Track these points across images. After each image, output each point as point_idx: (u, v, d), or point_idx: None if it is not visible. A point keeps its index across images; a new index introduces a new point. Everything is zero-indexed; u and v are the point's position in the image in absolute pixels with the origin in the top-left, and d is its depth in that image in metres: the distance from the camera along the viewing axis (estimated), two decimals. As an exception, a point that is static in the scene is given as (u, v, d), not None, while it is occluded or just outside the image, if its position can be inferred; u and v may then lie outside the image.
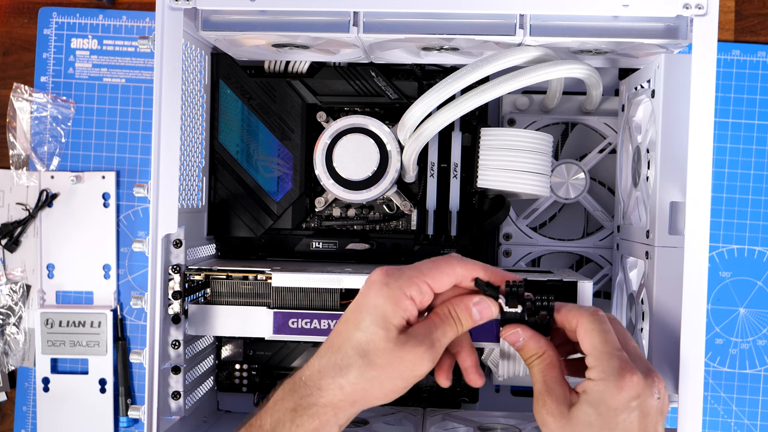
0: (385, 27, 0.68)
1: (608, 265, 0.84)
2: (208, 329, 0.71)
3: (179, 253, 0.69)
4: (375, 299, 0.57)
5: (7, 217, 0.93)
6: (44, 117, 0.93)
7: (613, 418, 0.56)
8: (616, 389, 0.56)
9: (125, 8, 0.94)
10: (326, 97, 0.82)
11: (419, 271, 0.58)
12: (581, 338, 0.59)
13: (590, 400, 0.57)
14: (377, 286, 0.57)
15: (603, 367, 0.57)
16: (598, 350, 0.58)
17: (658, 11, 0.64)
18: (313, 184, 0.83)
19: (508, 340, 0.61)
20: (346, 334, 0.57)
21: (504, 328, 0.61)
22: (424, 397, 0.83)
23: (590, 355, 0.58)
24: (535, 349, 0.60)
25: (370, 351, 0.56)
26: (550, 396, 0.58)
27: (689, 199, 0.61)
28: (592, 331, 0.58)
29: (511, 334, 0.60)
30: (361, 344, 0.56)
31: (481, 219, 0.80)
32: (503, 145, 0.76)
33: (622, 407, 0.56)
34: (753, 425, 0.90)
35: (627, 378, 0.56)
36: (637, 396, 0.56)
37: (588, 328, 0.59)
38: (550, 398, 0.58)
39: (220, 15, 0.69)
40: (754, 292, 0.90)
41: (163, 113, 0.65)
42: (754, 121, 0.90)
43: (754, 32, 0.91)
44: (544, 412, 0.58)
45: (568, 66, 0.72)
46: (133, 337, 0.94)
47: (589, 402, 0.57)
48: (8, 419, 0.94)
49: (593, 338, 0.58)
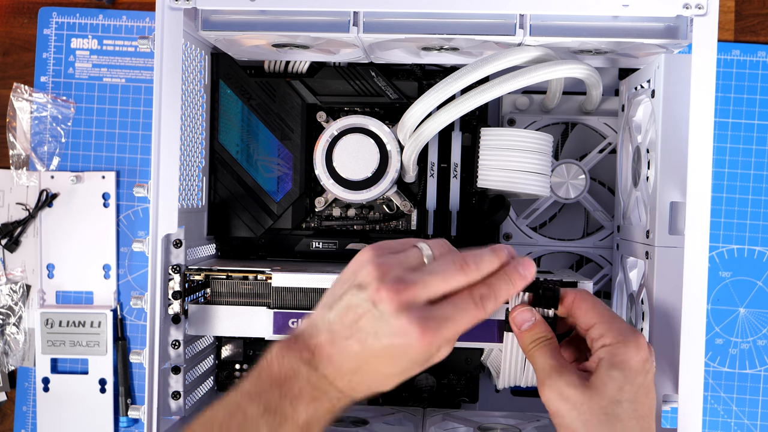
0: (385, 27, 0.68)
1: (608, 265, 0.84)
2: (208, 329, 0.71)
3: (179, 253, 0.69)
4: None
5: (7, 217, 0.93)
6: (44, 117, 0.93)
7: (636, 378, 0.56)
8: (636, 349, 0.57)
9: (125, 8, 0.94)
10: (326, 97, 0.82)
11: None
12: (583, 311, 0.60)
13: (614, 362, 0.56)
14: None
15: (618, 330, 0.58)
16: (606, 317, 0.59)
17: (658, 11, 0.64)
18: (313, 184, 0.83)
19: (518, 318, 0.61)
20: None
21: (514, 308, 0.61)
22: (424, 397, 0.83)
23: (599, 323, 0.59)
24: (545, 331, 0.60)
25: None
26: (567, 370, 0.57)
27: (689, 199, 0.61)
28: (593, 302, 0.60)
29: (523, 311, 0.61)
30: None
31: (481, 219, 0.80)
32: (503, 145, 0.76)
33: (640, 368, 0.57)
34: (753, 425, 0.90)
35: (641, 339, 0.57)
36: (647, 359, 0.57)
37: (588, 300, 0.60)
38: (567, 371, 0.57)
39: (220, 15, 0.69)
40: (754, 292, 0.90)
41: (163, 113, 0.65)
42: (754, 121, 0.90)
43: (754, 32, 0.91)
44: (563, 384, 0.57)
45: (568, 66, 0.72)
46: (133, 337, 0.94)
47: (613, 364, 0.56)
48: (8, 419, 0.94)
49: (596, 308, 0.60)
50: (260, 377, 0.56)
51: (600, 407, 0.56)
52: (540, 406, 0.61)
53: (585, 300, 0.61)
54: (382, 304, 0.54)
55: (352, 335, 0.55)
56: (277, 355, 0.57)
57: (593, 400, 0.56)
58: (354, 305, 0.55)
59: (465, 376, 0.82)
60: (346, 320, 0.55)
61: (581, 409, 0.56)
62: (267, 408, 0.55)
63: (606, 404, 0.56)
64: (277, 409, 0.55)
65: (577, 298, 0.61)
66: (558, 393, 0.57)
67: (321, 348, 0.56)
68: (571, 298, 0.62)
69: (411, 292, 0.54)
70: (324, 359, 0.56)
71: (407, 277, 0.55)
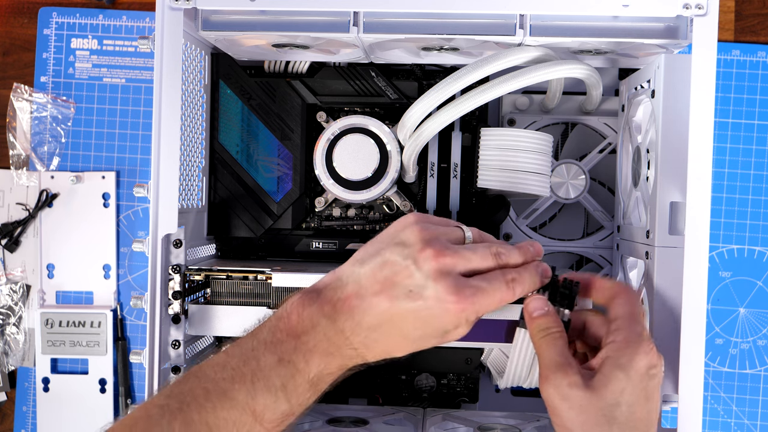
0: (385, 27, 0.68)
1: (608, 265, 0.84)
2: (208, 329, 0.71)
3: (179, 253, 0.69)
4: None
5: (7, 217, 0.93)
6: (44, 117, 0.93)
7: (639, 382, 0.56)
8: (645, 353, 0.57)
9: (125, 8, 0.94)
10: (326, 97, 0.82)
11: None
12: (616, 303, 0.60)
13: (619, 363, 0.56)
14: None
15: (632, 332, 0.58)
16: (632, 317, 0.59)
17: (658, 11, 0.64)
18: (313, 184, 0.83)
19: (532, 305, 0.61)
20: None
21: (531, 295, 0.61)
22: (424, 397, 0.83)
23: (622, 318, 0.59)
24: (556, 323, 0.60)
25: None
26: (571, 368, 0.57)
27: (689, 199, 0.61)
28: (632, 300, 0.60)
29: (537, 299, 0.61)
30: None
31: (481, 219, 0.80)
32: (503, 145, 0.76)
33: (645, 373, 0.56)
34: (753, 425, 0.90)
35: (651, 346, 0.57)
36: (654, 365, 0.57)
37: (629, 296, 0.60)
38: (571, 370, 0.57)
39: (220, 15, 0.69)
40: (754, 292, 0.90)
41: (163, 113, 0.65)
42: (754, 121, 0.90)
43: (754, 32, 0.91)
44: (566, 384, 0.56)
45: (568, 66, 0.72)
46: (133, 337, 0.94)
47: (618, 365, 0.56)
48: (8, 419, 0.94)
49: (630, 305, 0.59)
50: (278, 326, 0.57)
51: (598, 409, 0.56)
52: (540, 407, 0.61)
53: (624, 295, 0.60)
54: (425, 263, 0.55)
55: (383, 291, 0.55)
56: (297, 306, 0.57)
57: (593, 401, 0.56)
58: (392, 261, 0.56)
59: (465, 376, 0.83)
60: (380, 275, 0.56)
61: (580, 410, 0.56)
62: (281, 359, 0.56)
63: (605, 406, 0.56)
64: (291, 361, 0.56)
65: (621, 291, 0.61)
66: (559, 392, 0.57)
67: (344, 301, 0.56)
68: (616, 288, 0.61)
69: (452, 259, 0.56)
70: (345, 312, 0.56)
71: (451, 246, 0.57)
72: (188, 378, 0.57)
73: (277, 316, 0.58)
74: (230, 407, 0.55)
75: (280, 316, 0.58)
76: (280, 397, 0.55)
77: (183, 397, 0.55)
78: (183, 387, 0.56)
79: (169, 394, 0.56)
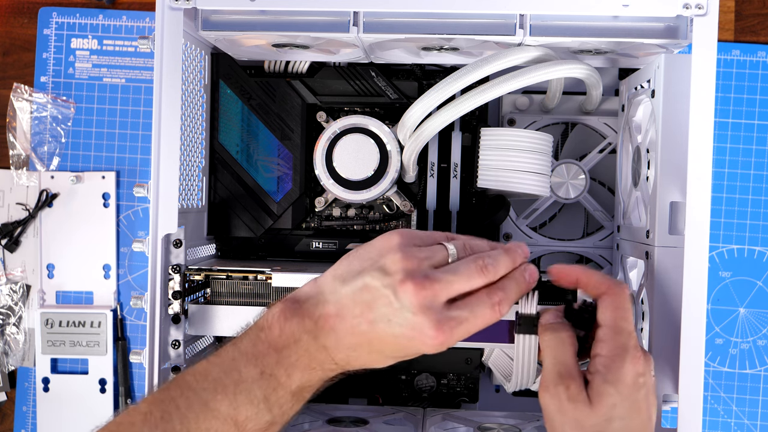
0: (385, 27, 0.68)
1: (608, 265, 0.84)
2: (208, 329, 0.71)
3: (179, 253, 0.69)
4: None
5: (7, 217, 0.93)
6: (44, 117, 0.93)
7: (630, 396, 0.56)
8: (631, 364, 0.56)
9: (125, 8, 0.94)
10: (326, 97, 0.82)
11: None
12: (602, 305, 0.58)
13: (608, 378, 0.56)
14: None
15: (617, 343, 0.57)
16: (617, 325, 0.57)
17: (658, 11, 0.64)
18: (313, 184, 0.83)
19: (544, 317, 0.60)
20: None
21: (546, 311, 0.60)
22: (424, 397, 0.83)
23: (608, 327, 0.57)
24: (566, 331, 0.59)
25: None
26: (573, 381, 0.57)
27: (689, 199, 0.61)
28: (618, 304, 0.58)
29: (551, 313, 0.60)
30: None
31: (481, 219, 0.80)
32: (503, 145, 0.76)
33: (633, 383, 0.56)
34: (753, 425, 0.90)
35: (637, 353, 0.56)
36: (641, 373, 0.56)
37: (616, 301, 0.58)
38: (573, 383, 0.57)
39: (220, 15, 0.69)
40: (754, 292, 0.90)
41: (163, 113, 0.65)
42: (754, 121, 0.90)
43: (754, 32, 0.91)
44: (565, 398, 0.56)
45: (568, 66, 0.72)
46: (133, 337, 0.94)
47: (607, 380, 0.56)
48: (8, 419, 0.94)
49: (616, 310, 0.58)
50: (259, 338, 0.57)
51: (592, 425, 0.56)
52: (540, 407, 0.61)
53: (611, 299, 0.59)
54: (405, 296, 0.54)
55: (363, 315, 0.55)
56: (278, 319, 0.57)
57: (588, 417, 0.56)
58: (373, 287, 0.55)
59: (465, 376, 0.83)
60: (359, 299, 0.55)
61: (575, 424, 0.56)
62: (263, 372, 0.56)
63: (598, 422, 0.56)
64: (273, 375, 0.56)
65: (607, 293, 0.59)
66: (557, 404, 0.57)
67: (326, 319, 0.56)
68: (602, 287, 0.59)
69: (434, 290, 0.55)
70: (327, 330, 0.56)
71: (432, 275, 0.55)
72: (171, 386, 0.57)
73: (258, 326, 0.58)
74: (212, 417, 0.55)
75: (262, 326, 0.57)
76: (263, 409, 0.56)
77: (165, 406, 0.55)
78: (165, 395, 0.56)
79: (152, 401, 0.56)
